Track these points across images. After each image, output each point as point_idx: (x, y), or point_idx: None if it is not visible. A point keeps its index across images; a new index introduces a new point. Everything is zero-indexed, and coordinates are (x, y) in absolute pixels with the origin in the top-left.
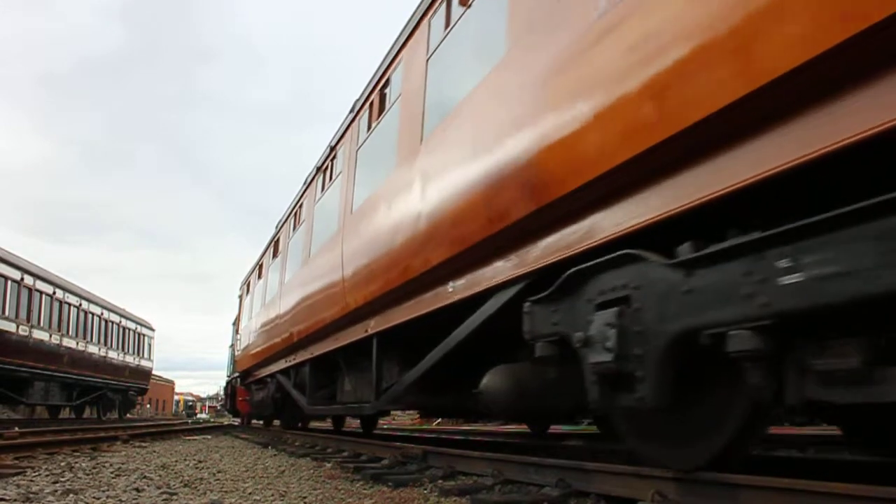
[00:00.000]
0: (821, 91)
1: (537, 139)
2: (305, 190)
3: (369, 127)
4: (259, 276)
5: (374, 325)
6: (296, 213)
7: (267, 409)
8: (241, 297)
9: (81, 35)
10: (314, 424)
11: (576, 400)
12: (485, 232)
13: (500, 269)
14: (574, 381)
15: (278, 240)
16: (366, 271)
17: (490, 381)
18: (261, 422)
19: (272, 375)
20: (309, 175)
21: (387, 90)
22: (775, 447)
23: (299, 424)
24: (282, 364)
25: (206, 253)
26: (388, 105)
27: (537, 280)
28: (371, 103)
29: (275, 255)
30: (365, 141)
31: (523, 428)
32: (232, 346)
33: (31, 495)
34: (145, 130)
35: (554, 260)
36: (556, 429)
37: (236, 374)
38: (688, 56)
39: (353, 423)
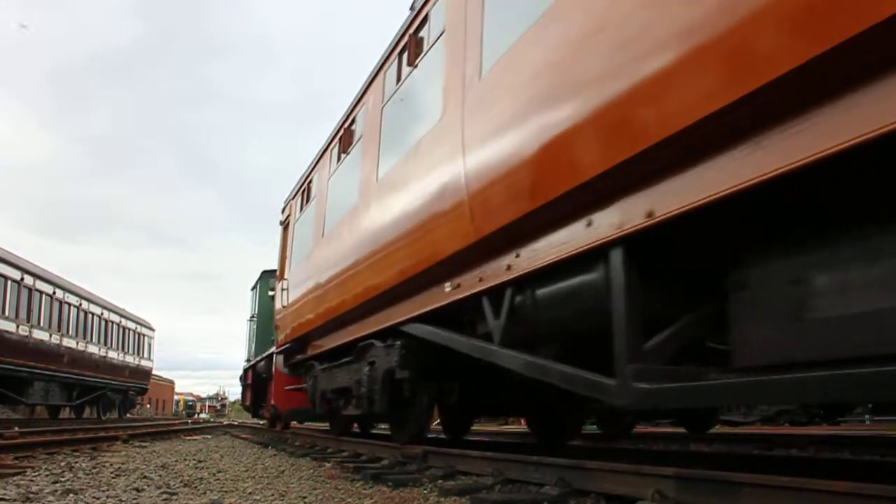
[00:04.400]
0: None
1: None
2: None
3: None
4: (343, 151)
5: None
6: None
7: (367, 404)
8: (285, 223)
9: (92, 31)
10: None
11: None
12: None
13: None
14: None
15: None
16: None
17: None
18: (304, 424)
19: (391, 332)
20: None
21: None
22: (775, 447)
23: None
24: (440, 296)
25: (209, 252)
26: None
27: None
28: None
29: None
30: None
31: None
32: (253, 317)
33: (31, 495)
34: (153, 128)
35: None
36: None
37: (270, 352)
38: None
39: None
